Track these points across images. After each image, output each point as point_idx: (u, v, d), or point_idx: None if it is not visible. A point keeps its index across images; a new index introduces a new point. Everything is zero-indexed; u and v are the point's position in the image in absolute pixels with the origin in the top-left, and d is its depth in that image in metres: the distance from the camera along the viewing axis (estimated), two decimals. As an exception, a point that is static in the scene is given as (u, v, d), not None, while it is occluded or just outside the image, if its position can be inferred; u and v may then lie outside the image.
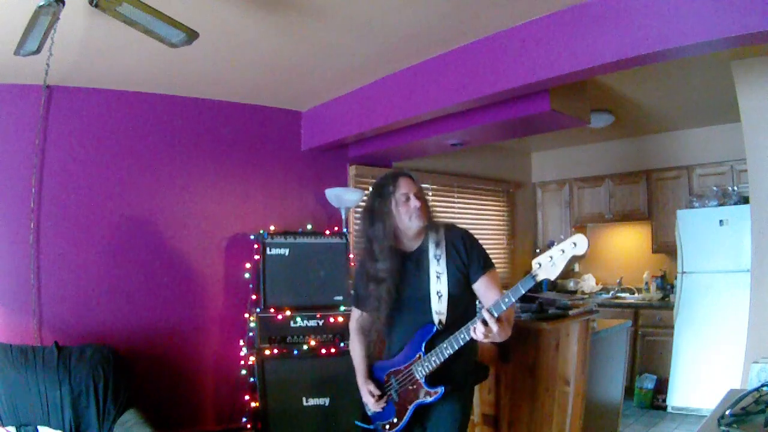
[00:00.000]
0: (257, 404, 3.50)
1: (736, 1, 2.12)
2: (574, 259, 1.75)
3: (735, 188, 4.65)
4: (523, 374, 3.03)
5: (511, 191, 6.14)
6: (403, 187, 2.04)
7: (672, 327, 4.63)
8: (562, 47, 2.65)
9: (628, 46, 2.42)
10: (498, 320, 1.81)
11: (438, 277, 2.02)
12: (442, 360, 1.95)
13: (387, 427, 2.14)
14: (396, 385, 2.10)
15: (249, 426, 3.68)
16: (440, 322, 2.01)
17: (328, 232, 3.97)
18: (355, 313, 2.32)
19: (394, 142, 4.25)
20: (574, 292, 5.79)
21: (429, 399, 2.01)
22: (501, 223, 6.03)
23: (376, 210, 2.05)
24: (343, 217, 4.25)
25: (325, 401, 3.61)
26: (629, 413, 4.50)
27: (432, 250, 2.05)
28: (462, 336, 1.91)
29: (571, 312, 3.04)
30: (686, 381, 4.46)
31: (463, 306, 2.08)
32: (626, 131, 5.35)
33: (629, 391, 4.62)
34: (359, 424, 2.26)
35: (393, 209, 2.02)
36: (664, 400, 4.58)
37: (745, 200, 4.15)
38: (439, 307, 2.01)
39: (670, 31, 2.29)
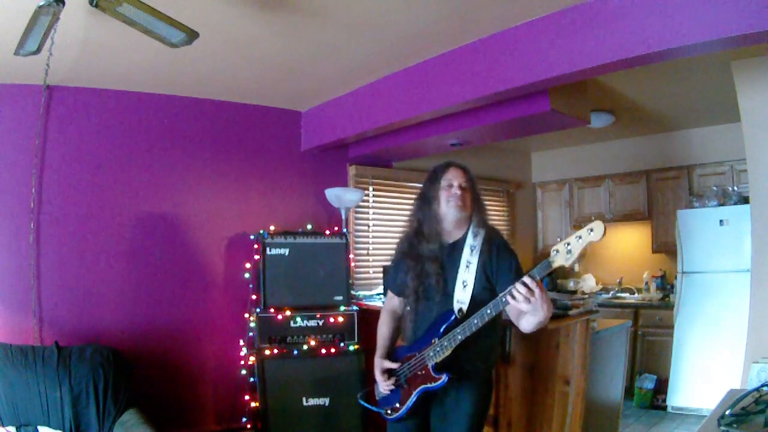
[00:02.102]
0: (257, 404, 3.50)
1: (736, 1, 2.12)
2: (591, 245, 1.78)
3: (735, 188, 4.65)
4: (523, 374, 3.03)
5: (511, 191, 6.14)
6: (450, 174, 2.12)
7: (672, 327, 4.62)
8: (562, 47, 2.65)
9: (628, 46, 2.42)
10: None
11: (467, 267, 2.05)
12: (453, 346, 1.95)
13: (389, 412, 2.15)
14: (407, 371, 2.10)
15: (249, 426, 3.68)
16: (460, 310, 2.01)
17: (328, 232, 3.96)
18: (392, 299, 2.34)
19: (394, 142, 4.25)
20: (574, 292, 5.79)
21: (432, 385, 2.00)
22: (501, 223, 6.03)
23: (427, 194, 2.14)
24: (343, 217, 4.25)
25: (325, 401, 3.60)
26: (629, 413, 4.50)
27: (469, 241, 2.09)
28: (475, 321, 1.90)
29: (571, 312, 3.04)
30: (686, 381, 4.46)
31: (479, 299, 2.04)
32: (626, 131, 5.35)
33: (629, 391, 4.62)
34: (361, 402, 2.30)
35: (438, 194, 2.10)
36: (664, 400, 4.58)
37: (745, 200, 4.15)
38: (461, 296, 2.03)
39: (670, 31, 2.29)
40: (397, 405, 2.11)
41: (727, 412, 1.52)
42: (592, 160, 5.92)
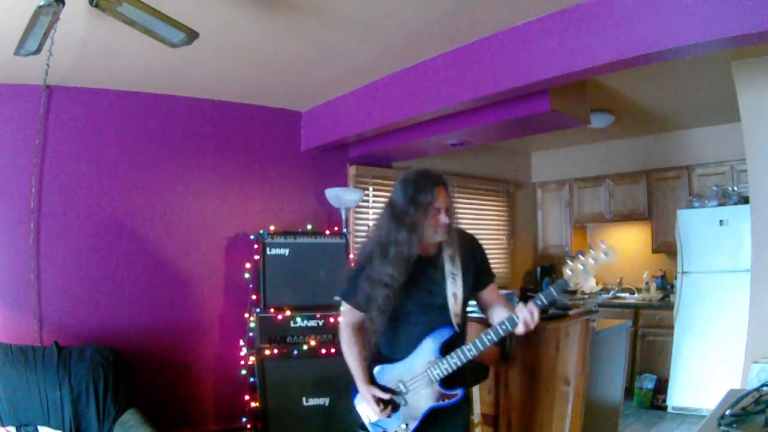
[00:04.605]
0: (257, 404, 3.50)
1: (736, 1, 2.12)
2: (604, 267, 1.90)
3: (735, 188, 4.65)
4: (523, 374, 3.03)
5: (511, 191, 6.14)
6: (440, 200, 1.94)
7: (672, 327, 4.63)
8: (562, 47, 2.65)
9: (628, 46, 2.42)
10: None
11: (453, 279, 1.99)
12: (464, 362, 1.93)
13: None
14: (405, 390, 2.02)
15: (249, 426, 3.68)
16: (458, 324, 1.99)
17: (328, 232, 3.96)
18: (350, 312, 2.15)
19: (394, 142, 4.25)
20: (574, 292, 5.79)
21: (446, 402, 1.97)
22: (501, 223, 6.03)
23: (407, 215, 1.92)
24: (343, 217, 4.25)
25: (325, 401, 3.61)
26: (629, 413, 4.50)
27: (447, 252, 2.02)
28: (489, 337, 1.91)
29: (571, 312, 3.04)
30: (686, 381, 4.46)
31: (466, 312, 2.08)
32: (626, 131, 5.35)
33: (629, 391, 4.62)
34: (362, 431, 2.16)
35: (424, 220, 1.92)
36: (664, 400, 4.58)
37: (745, 200, 4.15)
38: (456, 309, 1.99)
39: (670, 31, 2.29)
40: (403, 426, 2.02)
41: (727, 412, 1.52)
42: (592, 160, 5.92)
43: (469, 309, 2.13)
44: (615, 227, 5.89)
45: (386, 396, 2.01)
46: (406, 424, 2.03)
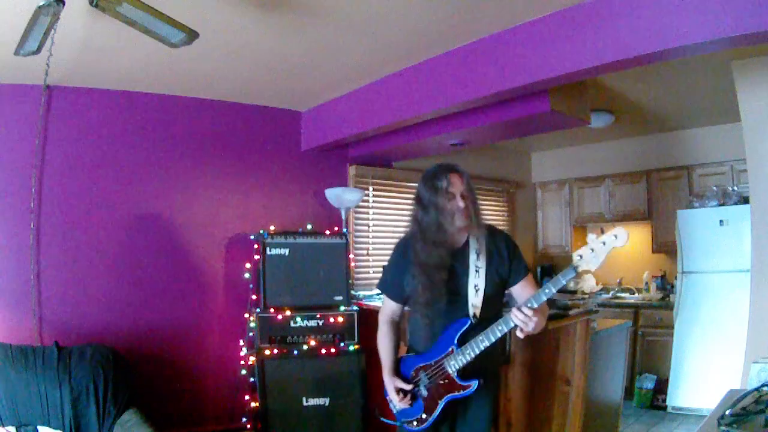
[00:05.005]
0: (257, 404, 3.50)
1: (736, 1, 2.12)
2: (614, 251, 1.82)
3: (735, 188, 4.65)
4: (523, 374, 3.03)
5: (511, 191, 6.14)
6: (454, 185, 2.06)
7: (672, 327, 4.62)
8: (562, 47, 2.65)
9: (628, 46, 2.42)
10: (535, 310, 1.89)
11: (477, 271, 2.06)
12: (477, 353, 1.98)
13: (414, 423, 2.12)
14: (425, 380, 2.10)
15: (249, 426, 3.68)
16: (475, 315, 2.04)
17: (328, 232, 3.96)
18: (389, 304, 2.26)
19: (394, 142, 4.25)
20: (574, 292, 5.79)
21: (462, 393, 2.03)
22: (501, 223, 6.03)
23: (428, 202, 2.06)
24: (343, 217, 4.26)
25: (325, 401, 3.60)
26: (629, 413, 4.50)
27: (473, 245, 2.09)
28: (500, 327, 1.94)
29: (571, 312, 3.04)
30: (686, 381, 4.46)
31: (496, 304, 2.14)
32: (626, 131, 5.35)
33: (629, 391, 4.62)
34: (384, 420, 2.25)
35: (441, 204, 2.03)
36: (664, 400, 4.58)
37: (745, 200, 4.15)
38: (475, 301, 2.05)
39: (670, 31, 2.29)
40: (423, 416, 2.10)
41: (727, 412, 1.52)
42: (592, 160, 5.92)
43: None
44: (615, 227, 5.88)
45: (407, 387, 2.11)
46: (426, 414, 2.09)
